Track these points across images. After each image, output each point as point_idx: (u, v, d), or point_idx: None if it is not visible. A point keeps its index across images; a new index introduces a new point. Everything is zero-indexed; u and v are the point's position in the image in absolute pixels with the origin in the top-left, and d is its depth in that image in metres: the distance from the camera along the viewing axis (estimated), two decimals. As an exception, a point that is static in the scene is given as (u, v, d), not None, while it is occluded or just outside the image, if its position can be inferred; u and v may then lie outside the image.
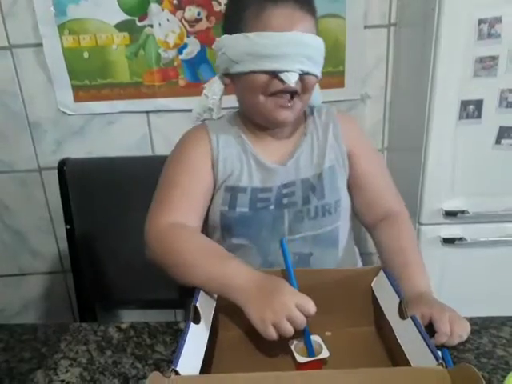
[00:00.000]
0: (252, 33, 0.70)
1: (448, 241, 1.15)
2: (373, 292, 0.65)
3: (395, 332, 0.55)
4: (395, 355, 0.57)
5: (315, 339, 0.61)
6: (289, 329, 0.56)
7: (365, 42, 1.29)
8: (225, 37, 0.75)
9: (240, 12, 0.73)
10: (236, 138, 0.82)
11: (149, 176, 1.19)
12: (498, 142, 1.07)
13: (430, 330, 0.61)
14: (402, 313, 0.56)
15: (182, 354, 0.47)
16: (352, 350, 0.62)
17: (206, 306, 0.60)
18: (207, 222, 0.83)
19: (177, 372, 0.45)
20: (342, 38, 1.27)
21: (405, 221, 0.85)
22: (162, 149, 1.39)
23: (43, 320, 1.59)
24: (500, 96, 1.03)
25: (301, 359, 0.57)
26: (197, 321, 0.56)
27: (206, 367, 0.57)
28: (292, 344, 0.60)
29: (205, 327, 0.57)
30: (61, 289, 1.54)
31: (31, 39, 1.28)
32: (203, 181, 0.79)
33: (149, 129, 1.38)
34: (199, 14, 1.25)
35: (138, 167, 1.24)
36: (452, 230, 1.15)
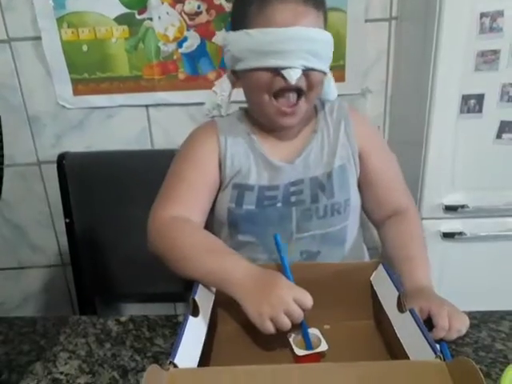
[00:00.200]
0: (253, 29, 0.69)
1: (448, 235, 1.15)
2: (372, 286, 0.65)
3: (394, 325, 0.55)
4: (394, 349, 0.57)
5: (314, 332, 0.61)
6: (286, 322, 0.56)
7: (366, 36, 1.28)
8: (229, 33, 0.74)
9: (244, 8, 0.72)
10: (244, 136, 0.81)
11: (148, 170, 1.20)
12: (499, 137, 1.07)
13: (429, 325, 0.61)
14: (401, 306, 0.56)
15: (180, 347, 0.47)
16: (351, 344, 0.62)
17: (205, 300, 0.60)
18: (215, 219, 0.83)
19: (175, 365, 0.45)
20: (343, 32, 1.26)
21: (413, 217, 0.84)
22: (162, 142, 1.39)
23: (43, 313, 1.59)
24: (501, 90, 1.03)
25: (299, 352, 0.57)
26: (195, 314, 0.56)
27: (205, 360, 0.57)
28: (290, 337, 0.60)
29: (203, 320, 0.57)
30: (60, 282, 1.55)
31: (30, 32, 1.27)
32: (209, 177, 0.79)
33: (148, 122, 1.37)
34: (199, 7, 1.25)
35: (138, 161, 1.24)
36: (452, 225, 1.15)
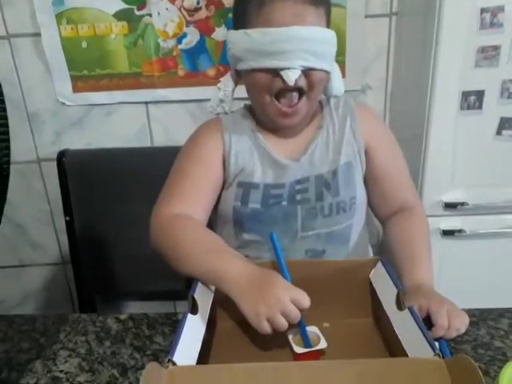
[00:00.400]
0: (252, 29, 0.68)
1: (447, 233, 1.14)
2: (371, 283, 0.65)
3: (392, 323, 0.55)
4: (393, 346, 0.57)
5: (313, 330, 0.61)
6: (283, 323, 0.55)
7: (366, 32, 1.27)
8: (230, 32, 0.73)
9: (243, 7, 0.71)
10: (249, 133, 0.80)
11: (148, 167, 1.20)
12: (499, 133, 1.07)
13: (428, 323, 0.61)
14: (400, 304, 0.56)
15: (179, 345, 0.48)
16: (350, 341, 0.62)
17: (204, 297, 0.60)
18: (219, 217, 0.83)
19: (173, 362, 0.45)
20: (343, 28, 1.25)
21: (419, 214, 0.83)
22: (161, 139, 1.38)
23: (43, 311, 1.60)
24: (501, 87, 1.02)
25: (299, 350, 0.57)
26: (194, 311, 0.56)
27: (204, 358, 0.57)
28: (290, 335, 0.60)
29: (202, 318, 0.57)
30: (61, 280, 1.55)
31: (29, 28, 1.27)
32: (213, 174, 0.78)
33: (148, 119, 1.37)
34: (198, 3, 1.24)
35: (137, 158, 1.24)
36: (452, 222, 1.15)
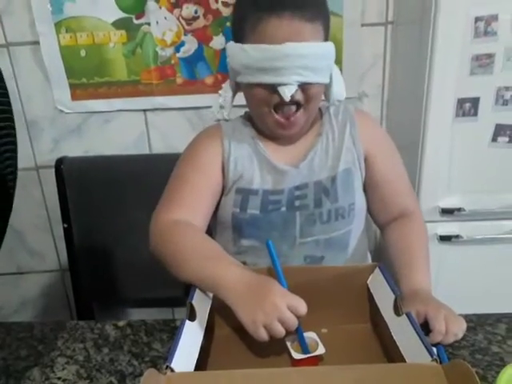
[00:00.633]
0: (248, 45, 0.69)
1: (444, 238, 1.15)
2: (368, 289, 0.65)
3: (390, 329, 0.55)
4: (390, 352, 0.58)
5: (311, 336, 0.61)
6: (280, 330, 0.55)
7: (362, 40, 1.29)
8: (229, 45, 0.74)
9: (241, 22, 0.72)
10: (248, 140, 0.81)
11: (146, 174, 1.20)
12: (495, 140, 1.08)
13: (426, 328, 0.61)
14: (398, 310, 0.56)
15: (177, 351, 0.48)
16: (348, 347, 0.62)
17: (202, 304, 0.60)
18: (218, 223, 0.83)
19: (171, 369, 0.45)
20: (340, 36, 1.27)
21: (417, 220, 0.83)
22: (160, 147, 1.39)
23: (41, 318, 1.59)
24: (496, 94, 1.03)
25: (297, 356, 0.57)
26: (192, 318, 0.56)
27: (202, 364, 0.57)
28: (288, 341, 0.60)
29: (200, 324, 0.57)
30: (58, 287, 1.54)
31: (28, 37, 1.28)
32: (213, 180, 0.79)
33: (146, 127, 1.37)
34: (196, 12, 1.25)
35: (136, 165, 1.24)
36: (448, 228, 1.15)
